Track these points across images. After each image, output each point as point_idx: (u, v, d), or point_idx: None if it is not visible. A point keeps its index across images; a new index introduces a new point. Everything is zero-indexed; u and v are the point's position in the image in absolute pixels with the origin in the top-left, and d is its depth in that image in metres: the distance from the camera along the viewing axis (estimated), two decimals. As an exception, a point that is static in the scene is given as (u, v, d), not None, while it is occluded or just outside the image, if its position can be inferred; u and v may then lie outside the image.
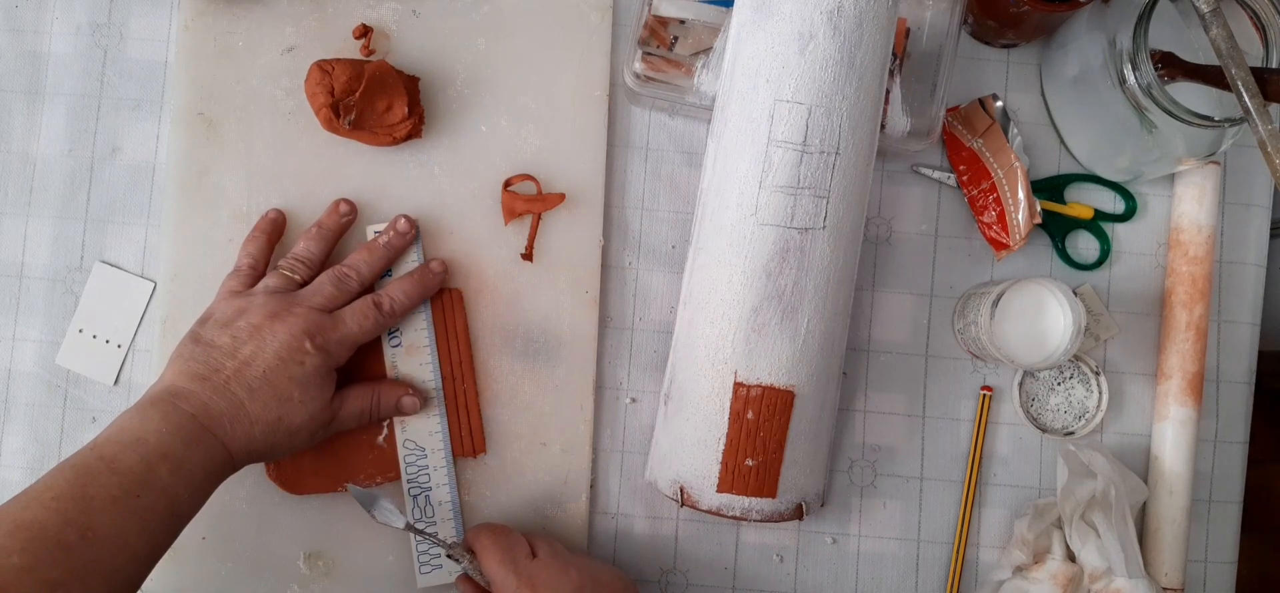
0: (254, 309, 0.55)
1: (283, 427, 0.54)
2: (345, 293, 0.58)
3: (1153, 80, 0.55)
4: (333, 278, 0.58)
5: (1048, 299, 0.59)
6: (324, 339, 0.55)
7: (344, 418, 0.58)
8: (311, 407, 0.55)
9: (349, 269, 0.59)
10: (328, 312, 0.56)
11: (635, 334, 0.64)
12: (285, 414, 0.54)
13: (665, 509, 0.64)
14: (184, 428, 0.51)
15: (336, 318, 0.56)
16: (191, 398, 0.52)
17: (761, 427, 0.55)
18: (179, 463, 0.49)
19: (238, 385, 0.53)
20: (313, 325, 0.55)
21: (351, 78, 0.59)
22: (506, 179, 0.64)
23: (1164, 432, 0.63)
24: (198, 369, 0.53)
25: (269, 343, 0.54)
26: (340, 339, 0.56)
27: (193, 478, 0.50)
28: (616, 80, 0.65)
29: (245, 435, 0.53)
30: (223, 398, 0.52)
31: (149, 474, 0.48)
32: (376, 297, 0.58)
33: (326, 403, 0.56)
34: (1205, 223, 0.63)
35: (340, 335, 0.56)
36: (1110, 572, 0.58)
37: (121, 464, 0.48)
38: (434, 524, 0.61)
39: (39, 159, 0.65)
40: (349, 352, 0.57)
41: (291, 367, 0.54)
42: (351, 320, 0.57)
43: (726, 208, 0.55)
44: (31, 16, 0.65)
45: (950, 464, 0.64)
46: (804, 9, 0.52)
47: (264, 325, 0.54)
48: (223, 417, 0.52)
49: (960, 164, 0.65)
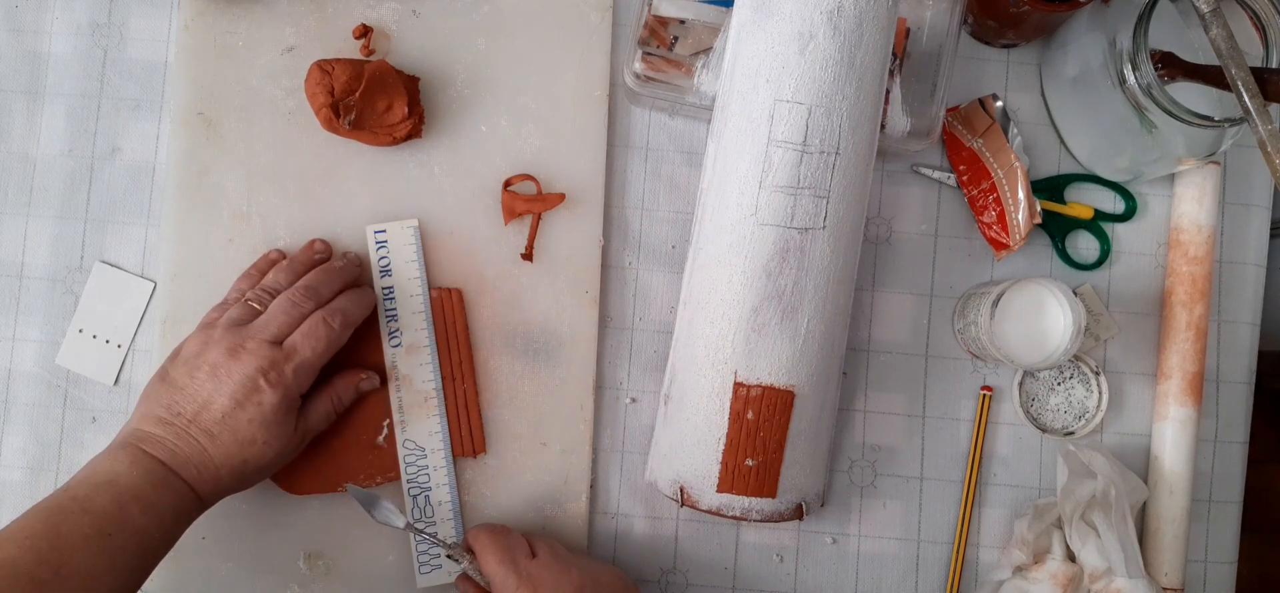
0: (213, 346, 0.54)
1: (250, 467, 0.54)
2: (298, 317, 0.56)
3: (1153, 80, 0.55)
4: (285, 304, 0.56)
5: (1048, 299, 0.59)
6: (278, 374, 0.54)
7: (314, 428, 0.58)
8: (276, 445, 0.55)
9: (304, 292, 0.57)
10: (280, 341, 0.55)
11: (635, 334, 0.64)
12: (250, 456, 0.54)
13: (665, 509, 0.64)
14: (153, 472, 0.51)
15: (289, 348, 0.55)
16: (157, 443, 0.52)
17: (761, 427, 0.55)
18: (150, 505, 0.50)
19: (197, 431, 0.53)
20: (265, 361, 0.54)
21: (351, 78, 0.59)
22: (506, 179, 0.64)
23: (1164, 432, 0.63)
24: (161, 412, 0.53)
25: (225, 385, 0.53)
26: (296, 369, 0.55)
27: (163, 519, 0.51)
28: (616, 80, 0.65)
29: (212, 479, 0.53)
30: (185, 443, 0.53)
31: (121, 514, 0.49)
32: (326, 313, 0.56)
33: (290, 433, 0.55)
34: (1205, 223, 0.63)
35: (295, 365, 0.55)
36: (1110, 572, 0.58)
37: (94, 505, 0.49)
38: (434, 524, 0.61)
39: (39, 159, 0.65)
40: (309, 378, 0.56)
41: (249, 409, 0.53)
42: (304, 346, 0.55)
43: (726, 208, 0.55)
44: (31, 16, 0.65)
45: (950, 464, 0.64)
46: (804, 9, 0.52)
47: (221, 364, 0.54)
48: (188, 462, 0.53)
49: (960, 164, 0.65)
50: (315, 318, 0.56)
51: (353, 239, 0.63)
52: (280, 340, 0.55)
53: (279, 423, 0.54)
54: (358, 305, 0.59)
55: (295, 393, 0.55)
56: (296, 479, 0.61)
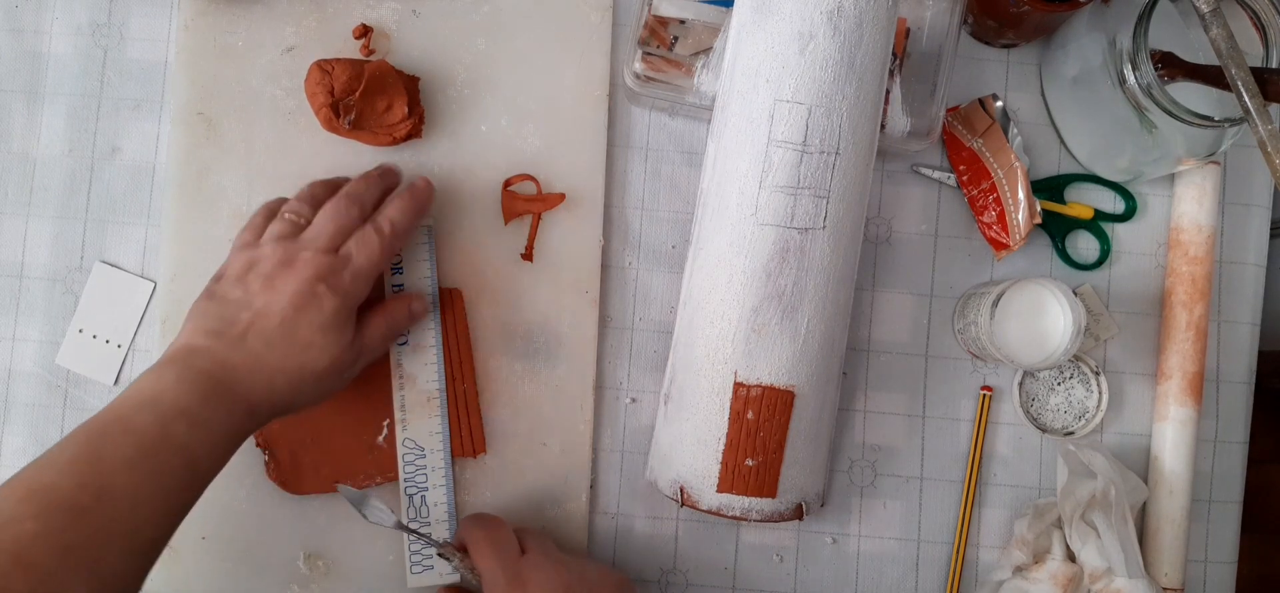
0: (264, 260, 0.53)
1: (307, 374, 0.52)
2: (348, 226, 0.55)
3: (1153, 80, 0.55)
4: (331, 213, 0.55)
5: (1048, 299, 0.59)
6: (336, 280, 0.53)
7: (369, 348, 0.56)
8: (333, 350, 0.53)
9: (348, 201, 0.56)
10: (334, 250, 0.54)
11: (635, 334, 0.64)
12: (307, 361, 0.52)
13: (665, 509, 0.64)
14: (200, 385, 0.49)
15: (343, 256, 0.54)
16: (207, 354, 0.51)
17: (761, 427, 0.55)
18: (196, 420, 0.48)
19: (254, 338, 0.51)
20: (323, 268, 0.52)
21: (351, 78, 0.59)
22: (506, 179, 0.64)
23: (1164, 432, 0.63)
24: (212, 325, 0.52)
25: (283, 291, 0.52)
26: (353, 275, 0.53)
27: (211, 435, 0.49)
28: (616, 80, 0.65)
29: (266, 387, 0.51)
30: (239, 352, 0.51)
31: (164, 433, 0.47)
32: (376, 223, 0.55)
33: (348, 344, 0.54)
34: (1205, 223, 0.63)
35: (352, 271, 0.53)
36: (1110, 572, 0.58)
37: (136, 424, 0.47)
38: (428, 524, 0.61)
39: (39, 159, 0.65)
40: (366, 286, 0.55)
41: (310, 313, 0.52)
42: (359, 254, 0.54)
43: (726, 208, 0.55)
44: (31, 16, 0.65)
45: (950, 464, 0.64)
46: (804, 9, 0.52)
47: (276, 275, 0.52)
48: (240, 370, 0.50)
49: (960, 164, 0.65)
50: (367, 228, 0.55)
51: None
52: (334, 250, 0.54)
53: (338, 330, 0.53)
54: (405, 212, 0.57)
55: (354, 300, 0.54)
56: (296, 479, 0.61)
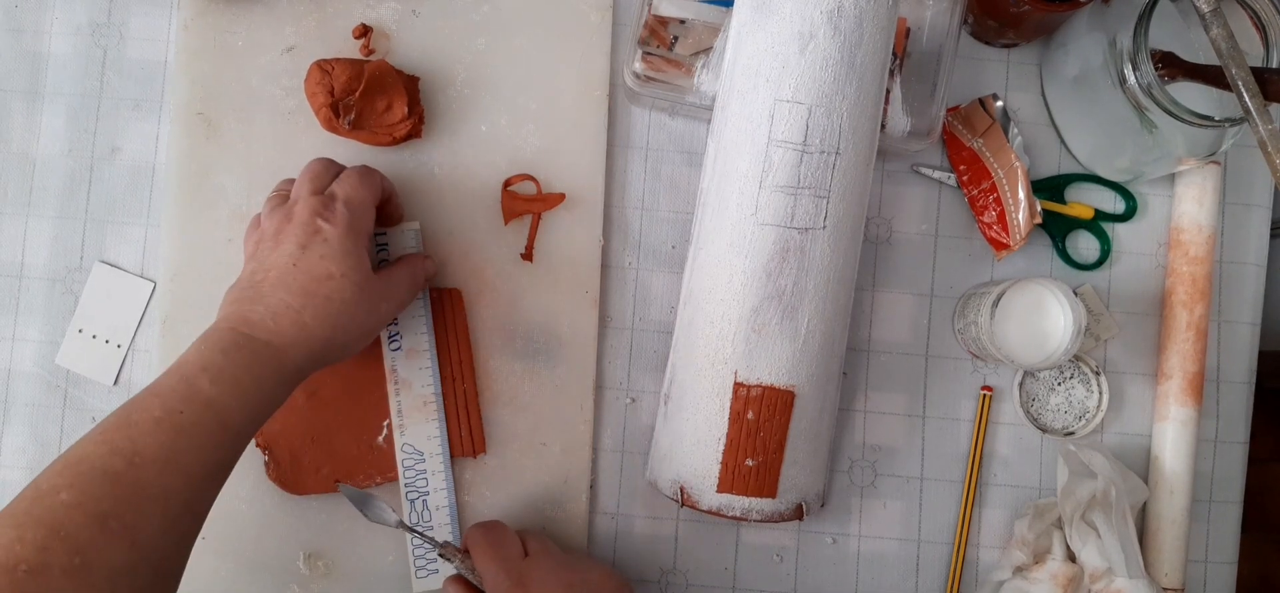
0: (264, 227, 0.54)
1: (335, 304, 0.52)
2: (325, 174, 0.56)
3: (1153, 80, 0.55)
4: (307, 169, 0.56)
5: (1048, 299, 0.59)
6: (331, 212, 0.53)
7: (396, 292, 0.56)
8: (354, 276, 0.53)
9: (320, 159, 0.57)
10: (320, 193, 0.54)
11: (635, 334, 0.64)
12: (332, 291, 0.52)
13: (665, 509, 0.64)
14: (222, 339, 0.50)
15: (330, 194, 0.54)
16: (229, 316, 0.51)
17: (761, 427, 0.55)
18: (219, 372, 0.48)
19: (271, 287, 0.51)
20: (315, 207, 0.53)
21: (351, 78, 0.59)
22: (506, 179, 0.64)
23: (1164, 432, 0.63)
24: (235, 296, 0.52)
25: (286, 243, 0.52)
26: (346, 201, 0.54)
27: (239, 384, 0.49)
28: (616, 80, 0.65)
29: (293, 326, 0.51)
30: (259, 305, 0.51)
31: (189, 389, 0.47)
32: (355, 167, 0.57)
33: (368, 271, 0.54)
34: (1205, 223, 0.63)
35: (344, 198, 0.54)
36: (1110, 572, 0.58)
37: (162, 386, 0.48)
38: (431, 527, 0.61)
39: (39, 159, 0.65)
40: (364, 214, 0.55)
41: (317, 246, 0.52)
42: (346, 185, 0.55)
43: (726, 208, 0.55)
44: (31, 16, 0.65)
45: (950, 464, 0.64)
46: (804, 9, 0.52)
47: (277, 231, 0.53)
48: (264, 319, 0.51)
49: (960, 164, 0.65)
50: (349, 170, 0.56)
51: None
52: (319, 193, 0.54)
53: (350, 254, 0.53)
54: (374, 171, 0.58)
55: (355, 226, 0.54)
56: (296, 479, 0.61)
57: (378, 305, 0.55)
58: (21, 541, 0.41)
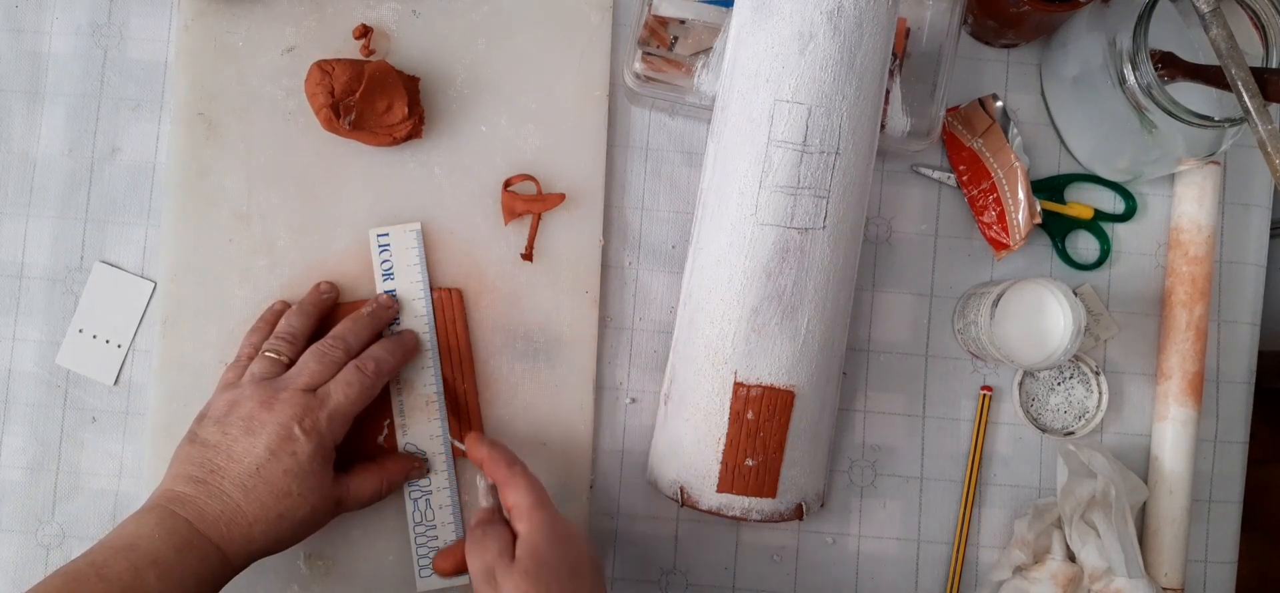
0: (244, 401, 0.54)
1: (285, 523, 0.53)
2: (330, 366, 0.56)
3: (1153, 80, 0.55)
4: (316, 353, 0.56)
5: (1048, 299, 0.59)
6: (312, 421, 0.53)
7: (353, 500, 0.57)
8: (312, 499, 0.53)
9: (333, 342, 0.57)
10: (313, 389, 0.55)
11: (635, 334, 0.64)
12: (286, 510, 0.52)
13: (665, 509, 0.64)
14: (177, 533, 0.50)
15: (323, 395, 0.54)
16: (187, 503, 0.51)
17: (761, 427, 0.55)
18: (168, 569, 0.49)
19: (232, 486, 0.52)
20: (299, 409, 0.53)
21: (351, 78, 0.59)
22: (506, 179, 0.64)
23: (1164, 432, 0.63)
24: (194, 472, 0.52)
25: (259, 437, 0.52)
26: (330, 415, 0.54)
27: (183, 584, 0.49)
28: (616, 80, 0.65)
29: (243, 537, 0.52)
30: (217, 501, 0.51)
31: (136, 581, 0.48)
32: (359, 362, 0.56)
33: (328, 490, 0.54)
34: (1205, 223, 0.63)
35: (329, 411, 0.54)
36: (1110, 572, 0.58)
37: (110, 571, 0.48)
38: (433, 528, 0.61)
39: (39, 159, 0.65)
40: (343, 427, 0.55)
41: (284, 459, 0.52)
42: (337, 392, 0.55)
43: (726, 208, 0.55)
44: (31, 16, 0.65)
45: (950, 464, 0.64)
46: (804, 9, 0.52)
47: (255, 416, 0.53)
48: (218, 520, 0.51)
49: (960, 164, 0.65)
50: (349, 367, 0.56)
51: (353, 240, 0.63)
52: (313, 389, 0.55)
53: (314, 475, 0.53)
54: (391, 353, 0.58)
55: (330, 442, 0.54)
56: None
57: (328, 517, 0.56)
58: None
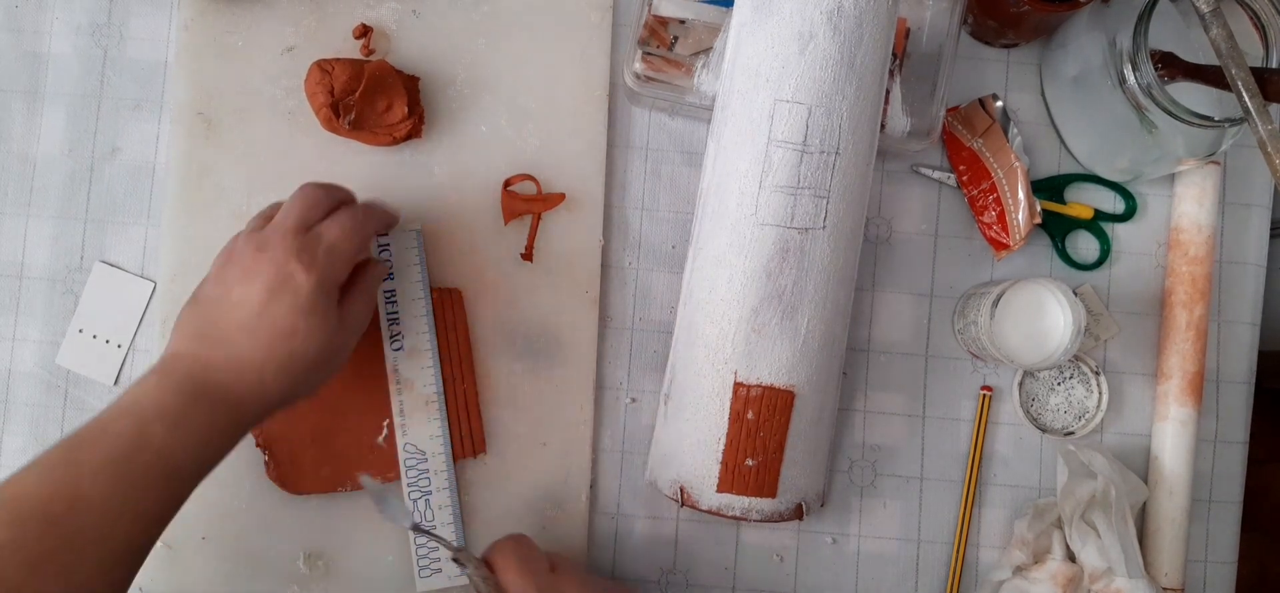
0: (237, 253, 0.51)
1: (297, 362, 0.50)
2: (318, 208, 0.52)
3: (1153, 80, 0.55)
4: (300, 196, 0.53)
5: (1048, 299, 0.59)
6: (310, 256, 0.50)
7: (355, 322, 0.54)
8: (318, 335, 0.50)
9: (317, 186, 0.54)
10: (304, 229, 0.51)
11: (635, 334, 0.64)
12: (295, 349, 0.50)
13: (665, 509, 0.64)
14: (181, 386, 0.48)
15: (316, 233, 0.51)
16: (190, 357, 0.49)
17: (761, 427, 0.55)
18: (175, 421, 0.47)
19: (235, 331, 0.49)
20: (294, 247, 0.50)
21: (351, 78, 0.59)
22: (506, 179, 0.64)
23: (1164, 432, 0.63)
24: (194, 328, 0.50)
25: (256, 281, 0.49)
26: (327, 250, 0.51)
27: (193, 437, 0.47)
28: (616, 80, 0.65)
29: (255, 382, 0.49)
30: (221, 349, 0.49)
31: (141, 436, 0.46)
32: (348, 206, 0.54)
33: (335, 325, 0.51)
34: (1205, 223, 0.63)
35: (326, 246, 0.51)
36: (1110, 572, 0.58)
37: (113, 428, 0.46)
38: (433, 528, 0.61)
39: (39, 159, 0.65)
40: (343, 265, 0.52)
41: (285, 297, 0.49)
42: (331, 229, 0.52)
43: (726, 208, 0.55)
44: (31, 16, 0.65)
45: (950, 464, 0.64)
46: (804, 9, 0.52)
47: (250, 263, 0.50)
48: (224, 368, 0.49)
49: (960, 164, 0.65)
50: (341, 210, 0.53)
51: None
52: (304, 229, 0.51)
53: (317, 312, 0.50)
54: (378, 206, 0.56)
55: (331, 278, 0.51)
56: (296, 479, 0.61)
57: (340, 354, 0.53)
58: None
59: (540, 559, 0.54)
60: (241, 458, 0.61)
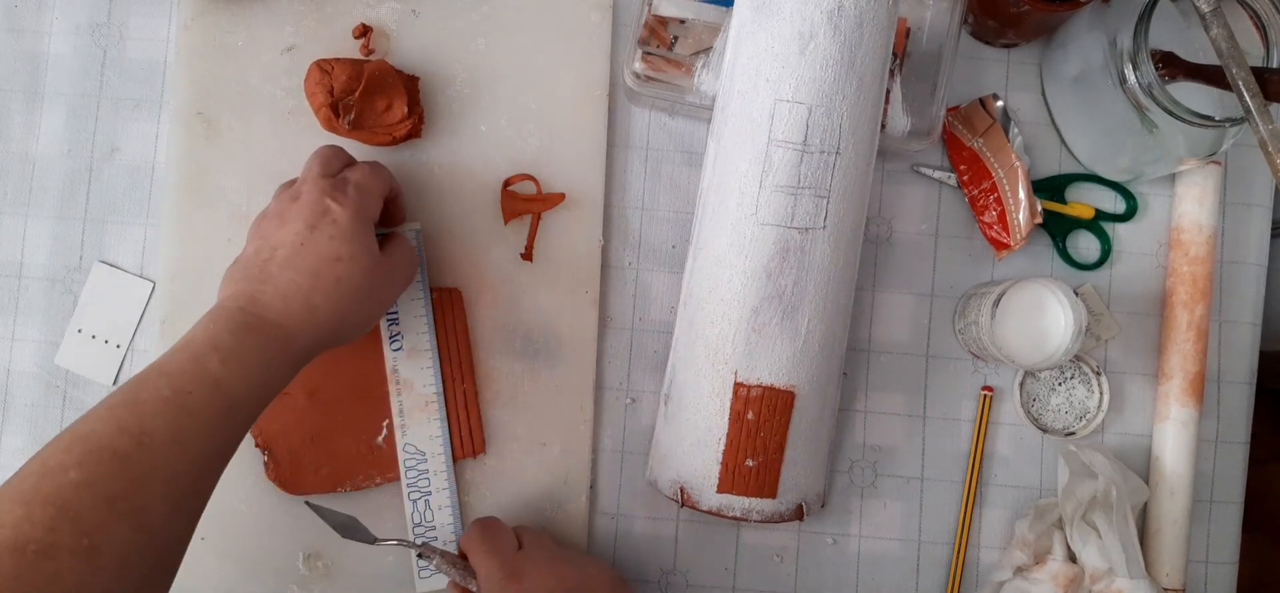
0: (271, 210, 0.53)
1: (343, 288, 0.51)
2: (334, 159, 0.55)
3: (1153, 80, 0.55)
4: (319, 153, 0.55)
5: (1048, 299, 0.59)
6: (341, 192, 0.52)
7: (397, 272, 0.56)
8: (362, 259, 0.52)
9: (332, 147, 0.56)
10: (331, 175, 0.54)
11: (635, 334, 0.64)
12: (342, 274, 0.51)
13: (665, 509, 0.64)
14: (231, 320, 0.49)
15: (342, 176, 0.54)
16: (237, 296, 0.50)
17: (762, 427, 0.55)
18: (229, 353, 0.48)
19: (279, 268, 0.51)
20: (325, 188, 0.52)
21: (351, 77, 0.59)
22: (506, 179, 0.64)
23: (1165, 432, 0.63)
24: (239, 273, 0.52)
25: (293, 222, 0.51)
26: (357, 185, 0.53)
27: (247, 367, 0.48)
28: (616, 80, 0.65)
29: (303, 310, 0.50)
30: (268, 285, 0.50)
31: (198, 369, 0.47)
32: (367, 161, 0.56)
33: (377, 254, 0.53)
34: (1206, 223, 0.63)
35: (355, 182, 0.53)
36: (1111, 572, 0.58)
37: (170, 365, 0.47)
38: (433, 528, 0.61)
39: (39, 159, 0.65)
40: (373, 201, 0.54)
41: (326, 227, 0.51)
42: (357, 172, 0.54)
43: (727, 208, 0.55)
44: (31, 16, 0.65)
45: (951, 465, 0.64)
46: (804, 9, 0.52)
47: (284, 210, 0.52)
48: (273, 300, 0.50)
49: (961, 164, 0.65)
50: (361, 163, 0.56)
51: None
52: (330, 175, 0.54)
53: (359, 237, 0.52)
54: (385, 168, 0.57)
55: (365, 210, 0.53)
56: (296, 479, 0.61)
57: (383, 290, 0.55)
58: (30, 519, 0.40)
59: (507, 538, 0.55)
60: (241, 458, 0.61)
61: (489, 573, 0.54)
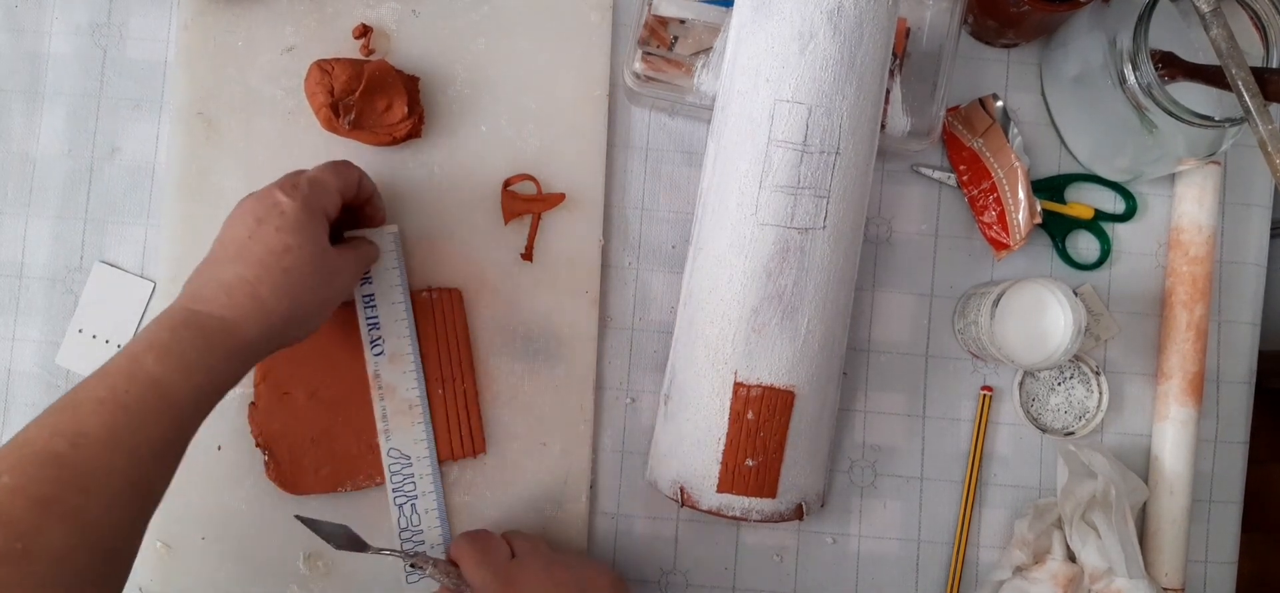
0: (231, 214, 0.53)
1: (292, 279, 0.51)
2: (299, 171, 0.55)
3: (1153, 80, 0.55)
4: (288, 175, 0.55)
5: (1048, 299, 0.59)
6: (293, 184, 0.52)
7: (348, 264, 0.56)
8: (309, 248, 0.51)
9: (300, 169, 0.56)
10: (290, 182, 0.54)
11: (635, 334, 0.64)
12: (289, 265, 0.50)
13: (665, 509, 0.64)
14: (170, 319, 0.49)
15: (297, 172, 0.54)
16: (182, 295, 0.51)
17: (761, 427, 0.55)
18: (165, 350, 0.47)
19: (225, 262, 0.51)
20: (278, 183, 0.52)
21: (351, 77, 0.59)
22: (506, 179, 0.64)
23: (1164, 432, 0.63)
24: (191, 275, 0.52)
25: (246, 217, 0.51)
26: (310, 180, 0.53)
27: (185, 361, 0.47)
28: (616, 80, 0.65)
29: (248, 300, 0.50)
30: (211, 282, 0.50)
31: (133, 368, 0.46)
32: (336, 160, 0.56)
33: (324, 244, 0.53)
34: (1206, 223, 0.63)
35: (309, 177, 0.53)
36: (1111, 572, 0.58)
37: (108, 368, 0.47)
38: (421, 531, 0.61)
39: (39, 159, 0.65)
40: (329, 198, 0.53)
41: (273, 219, 0.51)
42: (312, 170, 0.54)
43: (726, 208, 0.55)
44: (31, 16, 0.65)
45: (950, 464, 0.64)
46: (804, 9, 0.52)
47: (243, 208, 0.52)
48: (216, 295, 0.50)
49: (960, 164, 0.65)
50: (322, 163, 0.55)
51: (353, 239, 0.63)
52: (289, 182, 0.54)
53: (305, 227, 0.51)
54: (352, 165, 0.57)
55: (315, 203, 0.52)
56: (296, 479, 0.61)
57: (333, 279, 0.54)
58: None
59: (500, 548, 0.55)
60: (242, 458, 0.62)
61: (483, 583, 0.53)
